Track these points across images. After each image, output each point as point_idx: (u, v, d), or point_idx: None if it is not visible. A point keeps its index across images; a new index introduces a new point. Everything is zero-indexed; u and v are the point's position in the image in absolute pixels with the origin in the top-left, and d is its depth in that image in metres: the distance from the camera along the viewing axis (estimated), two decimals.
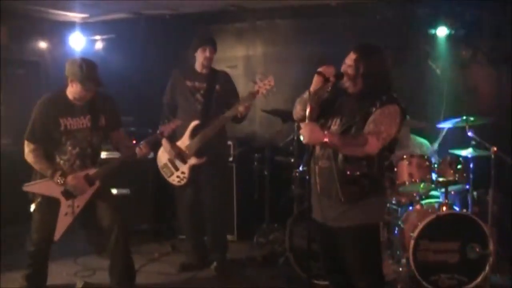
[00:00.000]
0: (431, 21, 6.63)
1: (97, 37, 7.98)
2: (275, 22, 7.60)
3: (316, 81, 3.79)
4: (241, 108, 5.44)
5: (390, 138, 3.75)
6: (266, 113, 6.57)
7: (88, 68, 4.72)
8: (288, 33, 7.52)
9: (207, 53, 5.67)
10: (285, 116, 6.25)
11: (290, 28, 7.51)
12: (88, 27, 7.92)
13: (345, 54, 3.90)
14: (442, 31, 6.61)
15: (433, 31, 6.64)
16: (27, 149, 4.83)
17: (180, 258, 6.10)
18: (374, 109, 3.73)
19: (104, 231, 4.99)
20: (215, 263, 5.84)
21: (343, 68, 3.85)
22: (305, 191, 5.81)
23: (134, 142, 5.03)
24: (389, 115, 3.74)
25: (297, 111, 3.99)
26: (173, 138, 5.60)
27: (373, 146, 3.66)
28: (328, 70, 3.79)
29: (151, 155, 5.63)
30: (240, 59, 7.69)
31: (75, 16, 7.69)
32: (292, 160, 6.26)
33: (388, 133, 3.72)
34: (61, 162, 4.86)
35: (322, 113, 3.90)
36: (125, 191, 6.83)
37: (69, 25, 7.85)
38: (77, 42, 7.83)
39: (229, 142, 6.56)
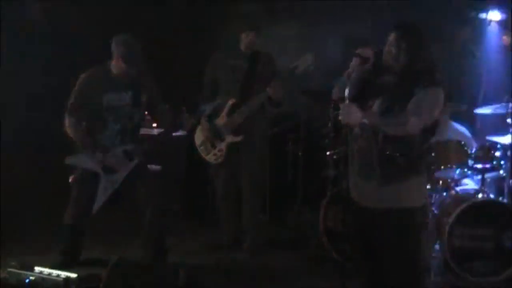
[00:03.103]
0: (476, 4, 6.52)
1: None
2: (311, 1, 7.52)
3: (354, 63, 3.80)
4: (277, 86, 5.40)
5: (432, 119, 3.71)
6: (302, 93, 6.53)
7: (134, 49, 4.73)
8: (325, 13, 7.43)
9: (250, 37, 5.67)
10: (321, 96, 6.22)
11: (327, 7, 7.42)
12: None
13: (383, 34, 3.85)
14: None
15: (479, 15, 6.53)
16: (68, 122, 4.87)
17: (211, 238, 6.12)
18: (417, 89, 3.69)
19: (139, 209, 5.02)
20: (246, 243, 5.84)
21: (386, 48, 3.81)
22: (339, 172, 5.82)
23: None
24: (433, 96, 3.69)
25: (335, 93, 3.99)
26: (212, 116, 5.61)
27: (414, 125, 3.63)
28: (365, 52, 3.79)
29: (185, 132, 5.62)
30: (275, 38, 7.63)
31: None
32: (327, 141, 6.22)
33: (430, 114, 3.69)
34: (102, 137, 4.90)
35: (362, 93, 3.85)
36: (156, 167, 6.84)
37: None
38: None
39: None
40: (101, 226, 5.89)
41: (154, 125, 6.23)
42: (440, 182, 5.52)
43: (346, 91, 3.69)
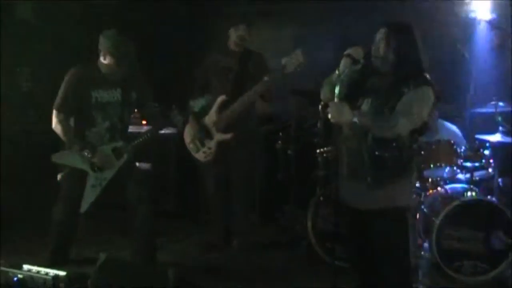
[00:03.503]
0: (463, 4, 6.54)
1: None
2: (303, 2, 7.52)
3: (344, 63, 3.77)
4: (267, 84, 5.39)
5: (421, 120, 3.72)
6: (292, 92, 6.53)
7: (123, 45, 4.70)
8: (317, 14, 7.44)
9: (240, 32, 5.64)
10: (312, 96, 6.20)
11: (319, 8, 7.43)
12: None
13: (374, 35, 3.87)
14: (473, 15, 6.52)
15: (464, 15, 6.55)
16: (56, 119, 4.84)
17: (202, 238, 6.11)
18: (407, 90, 3.70)
19: (130, 208, 5.01)
20: (236, 242, 5.85)
21: (374, 46, 3.81)
22: (329, 172, 5.81)
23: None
24: (422, 97, 3.71)
25: (325, 92, 3.98)
26: (201, 114, 5.59)
27: (403, 127, 3.64)
28: (356, 52, 3.76)
29: (174, 130, 5.60)
30: (267, 39, 7.62)
31: None
32: (317, 141, 6.22)
33: (419, 115, 3.69)
34: (91, 135, 4.89)
35: (352, 93, 3.85)
36: (146, 165, 6.82)
37: None
38: None
39: None
40: (91, 225, 5.88)
41: (144, 122, 6.22)
42: (430, 180, 5.53)
43: (336, 90, 3.68)
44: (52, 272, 4.23)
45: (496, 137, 5.44)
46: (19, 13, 6.81)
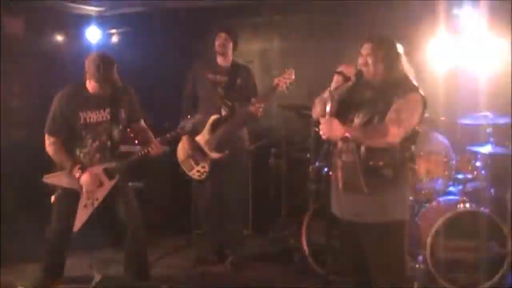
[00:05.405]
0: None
1: (113, 30, 7.96)
2: (292, 16, 7.55)
3: (336, 80, 3.81)
4: (258, 104, 5.42)
5: (411, 127, 3.74)
6: (283, 108, 6.55)
7: (105, 68, 4.66)
8: (305, 28, 7.47)
9: (222, 38, 5.67)
10: (302, 111, 6.24)
11: (306, 23, 7.46)
12: (104, 20, 7.89)
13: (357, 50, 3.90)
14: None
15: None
16: (48, 142, 4.84)
17: (195, 252, 6.08)
18: (396, 98, 3.72)
19: (121, 225, 5.00)
20: (230, 258, 5.84)
21: (361, 60, 3.84)
22: (321, 186, 5.82)
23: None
24: (411, 104, 3.74)
25: (317, 111, 3.99)
26: (193, 132, 5.58)
27: (394, 135, 3.65)
28: (348, 70, 3.80)
29: (168, 149, 5.59)
30: (256, 53, 7.65)
31: (91, 9, 7.69)
32: (309, 156, 6.23)
33: (410, 122, 3.72)
34: (81, 155, 4.88)
35: (344, 109, 3.87)
36: (138, 184, 6.80)
37: (86, 18, 7.82)
38: (94, 35, 7.81)
39: None
40: (85, 243, 5.87)
41: (137, 141, 6.20)
42: (423, 192, 5.54)
43: (328, 107, 3.70)
44: None
45: (486, 148, 5.46)
46: None
